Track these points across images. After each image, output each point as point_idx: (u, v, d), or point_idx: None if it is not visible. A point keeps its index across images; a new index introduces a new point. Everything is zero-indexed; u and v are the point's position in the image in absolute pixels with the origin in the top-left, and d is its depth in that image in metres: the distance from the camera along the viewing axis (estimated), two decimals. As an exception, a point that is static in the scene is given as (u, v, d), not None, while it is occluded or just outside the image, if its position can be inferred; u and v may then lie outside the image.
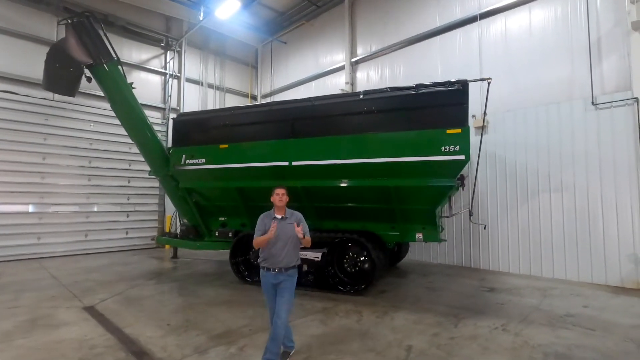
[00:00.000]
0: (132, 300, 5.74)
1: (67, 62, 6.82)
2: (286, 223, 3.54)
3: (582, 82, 7.27)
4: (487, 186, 8.46)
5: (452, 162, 5.39)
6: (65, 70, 6.87)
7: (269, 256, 3.46)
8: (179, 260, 9.81)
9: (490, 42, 8.67)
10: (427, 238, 6.47)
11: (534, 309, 5.25)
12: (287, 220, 3.57)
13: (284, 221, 3.55)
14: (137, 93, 12.04)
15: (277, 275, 3.44)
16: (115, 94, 7.20)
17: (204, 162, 7.45)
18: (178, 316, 4.96)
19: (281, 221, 3.52)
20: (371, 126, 6.02)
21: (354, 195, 6.49)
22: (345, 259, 6.43)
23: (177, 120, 7.97)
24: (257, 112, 7.16)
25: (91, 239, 10.86)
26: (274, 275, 3.44)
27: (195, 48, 13.91)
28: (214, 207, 8.19)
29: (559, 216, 7.39)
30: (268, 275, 3.46)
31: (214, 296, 6.04)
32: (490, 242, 8.30)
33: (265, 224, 3.53)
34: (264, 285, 3.51)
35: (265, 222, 3.55)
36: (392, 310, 5.19)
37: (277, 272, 3.44)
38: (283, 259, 3.45)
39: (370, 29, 11.45)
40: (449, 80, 5.58)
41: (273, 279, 3.45)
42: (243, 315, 4.99)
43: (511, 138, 8.13)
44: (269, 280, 3.46)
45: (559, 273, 7.31)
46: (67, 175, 10.51)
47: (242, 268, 7.17)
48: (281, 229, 3.48)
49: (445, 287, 6.64)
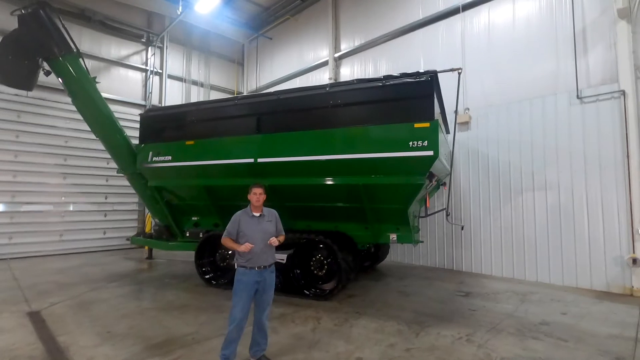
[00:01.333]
0: (84, 305, 5.41)
1: (21, 55, 6.50)
2: (265, 221, 3.57)
3: (567, 75, 6.90)
4: (469, 185, 8.09)
5: (420, 158, 5.01)
6: (19, 63, 6.54)
7: (251, 256, 3.42)
8: (153, 262, 9.50)
9: (474, 34, 8.30)
10: (401, 239, 6.11)
11: (507, 316, 4.89)
12: (265, 219, 3.58)
13: (262, 219, 3.57)
14: (117, 90, 12.01)
15: (262, 272, 3.45)
16: (76, 88, 6.86)
17: (170, 160, 7.12)
18: (123, 323, 4.63)
19: (260, 219, 3.55)
20: (338, 121, 5.66)
21: (324, 194, 6.13)
22: (312, 261, 6.09)
23: (144, 115, 7.64)
24: (223, 106, 6.82)
25: (66, 239, 10.55)
26: (258, 273, 3.43)
27: (178, 44, 13.61)
28: (186, 206, 7.87)
29: (542, 216, 7.02)
30: (252, 274, 3.41)
31: (171, 300, 5.71)
32: (473, 243, 7.93)
33: (240, 223, 3.49)
34: (245, 284, 3.40)
35: (242, 222, 3.50)
36: (354, 317, 4.84)
37: (262, 270, 3.45)
38: (266, 257, 3.50)
39: (354, 23, 11.10)
40: (417, 72, 5.22)
41: (257, 277, 3.43)
42: (193, 322, 4.65)
43: (494, 134, 7.75)
44: (252, 279, 3.40)
45: (542, 276, 6.93)
46: (41, 173, 10.21)
47: (207, 270, 6.83)
48: (260, 227, 3.52)
49: (419, 291, 6.28)
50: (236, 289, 3.41)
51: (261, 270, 3.44)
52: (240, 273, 3.43)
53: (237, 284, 3.42)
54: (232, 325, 3.31)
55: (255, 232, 3.47)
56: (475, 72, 8.15)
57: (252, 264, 3.41)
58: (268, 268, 3.51)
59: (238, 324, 3.32)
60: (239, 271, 3.45)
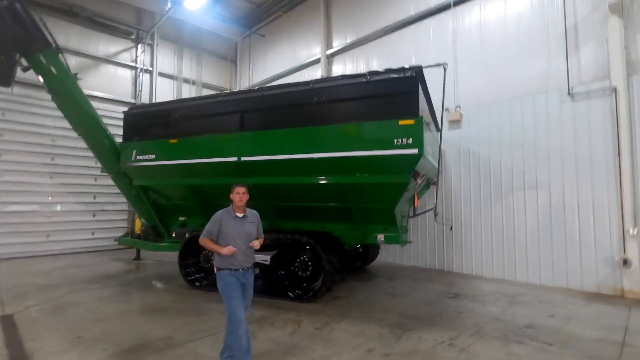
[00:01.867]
0: (60, 308, 5.26)
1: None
2: (247, 222, 3.45)
3: (559, 72, 6.75)
4: (460, 184, 7.96)
5: (405, 156, 4.88)
6: (-5, 59, 6.40)
7: (233, 259, 3.31)
8: (140, 263, 9.35)
9: (465, 31, 8.15)
10: (389, 240, 5.98)
11: (493, 319, 4.76)
12: (247, 220, 3.47)
13: (245, 220, 3.44)
14: (106, 87, 11.83)
15: (245, 274, 3.39)
16: (56, 85, 6.69)
17: (153, 158, 6.98)
18: (97, 327, 4.49)
19: (242, 220, 3.42)
20: (322, 118, 5.51)
21: (310, 193, 6.00)
22: (296, 262, 5.95)
23: (128, 113, 7.48)
24: (207, 104, 6.67)
25: (54, 239, 10.38)
26: (242, 275, 3.36)
27: (169, 41, 13.42)
28: (172, 206, 7.73)
29: (533, 216, 6.89)
30: (237, 275, 3.33)
31: (152, 302, 5.57)
32: (464, 243, 7.80)
33: (222, 224, 3.34)
34: (233, 284, 3.28)
35: (223, 223, 3.35)
36: (336, 320, 4.70)
37: (245, 271, 3.39)
38: (248, 257, 3.43)
39: (345, 20, 10.94)
40: (402, 67, 5.08)
41: (243, 278, 3.37)
42: (170, 326, 4.51)
43: (485, 133, 7.61)
44: (239, 280, 3.33)
45: (533, 277, 6.80)
46: (27, 172, 10.03)
47: (191, 271, 6.69)
48: (242, 229, 3.39)
49: (407, 292, 6.15)
50: (227, 291, 3.23)
51: (245, 272, 3.36)
52: (225, 275, 3.30)
53: (227, 286, 3.26)
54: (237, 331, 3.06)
55: (237, 233, 3.33)
56: (466, 69, 8.02)
57: (236, 266, 3.30)
58: (249, 270, 3.44)
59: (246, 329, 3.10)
60: (223, 274, 3.30)
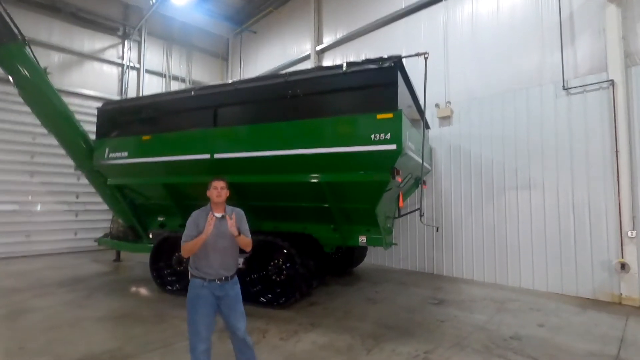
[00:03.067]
0: (15, 314, 4.93)
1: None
2: (227, 222, 2.83)
3: (553, 64, 6.38)
4: (450, 183, 7.58)
5: (383, 152, 4.53)
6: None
7: (208, 264, 2.79)
8: (120, 264, 9.03)
9: (457, 24, 7.78)
10: (371, 242, 5.62)
11: (477, 328, 4.38)
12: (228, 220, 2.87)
13: (225, 220, 2.85)
14: (91, 84, 11.50)
15: (223, 285, 2.80)
16: (22, 79, 6.39)
17: (126, 156, 6.65)
18: (46, 336, 4.14)
19: (221, 220, 2.85)
20: (297, 112, 5.16)
21: (287, 192, 5.65)
22: (270, 265, 5.59)
23: (101, 109, 7.16)
24: (180, 98, 6.33)
25: (34, 240, 10.06)
26: (218, 287, 2.78)
27: (158, 38, 13.11)
28: (150, 205, 7.40)
29: (526, 217, 6.50)
30: (211, 287, 2.77)
31: (114, 309, 5.22)
32: (454, 245, 7.41)
33: (199, 225, 2.80)
34: (201, 298, 2.73)
35: (199, 222, 2.82)
36: (306, 330, 4.34)
37: (223, 282, 2.80)
38: (228, 264, 2.87)
39: (336, 15, 10.59)
40: (381, 57, 4.72)
41: (218, 291, 2.78)
42: (124, 336, 4.17)
43: (476, 129, 7.24)
44: (210, 293, 2.76)
45: (526, 282, 6.42)
46: (5, 171, 9.71)
47: (162, 274, 6.34)
48: (221, 229, 2.82)
49: (390, 298, 5.78)
50: (192, 304, 2.74)
51: (222, 283, 2.79)
52: (196, 286, 2.77)
53: (194, 299, 2.75)
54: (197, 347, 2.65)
55: (217, 236, 2.79)
56: (458, 63, 7.65)
57: (211, 274, 2.77)
58: (230, 280, 2.86)
59: (207, 347, 2.70)
60: (194, 283, 2.78)
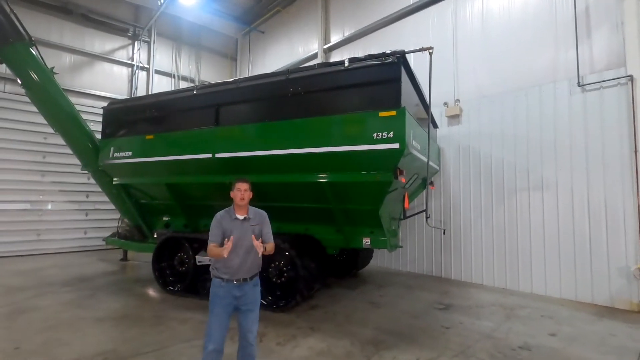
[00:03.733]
0: (17, 313, 4.94)
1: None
2: (249, 225, 2.89)
3: (568, 60, 6.10)
4: (459, 184, 7.34)
5: (385, 151, 4.37)
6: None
7: (229, 265, 2.82)
8: (127, 264, 9.07)
9: (467, 20, 7.55)
10: (375, 244, 5.48)
11: (484, 336, 4.17)
12: (250, 222, 2.92)
13: (247, 222, 2.90)
14: (101, 85, 11.65)
15: (242, 286, 2.84)
16: (28, 78, 6.46)
17: (130, 155, 6.66)
18: (42, 336, 4.12)
19: (243, 222, 2.89)
20: (298, 110, 5.05)
21: (289, 193, 5.54)
22: (271, 267, 5.48)
23: (106, 109, 7.19)
24: (183, 97, 6.30)
25: (44, 238, 10.22)
26: (237, 287, 2.82)
27: (167, 39, 13.21)
28: (155, 205, 7.41)
29: (538, 220, 6.23)
30: (229, 287, 2.82)
31: (115, 309, 5.19)
32: (463, 248, 7.17)
33: (225, 228, 2.86)
34: (221, 299, 2.80)
35: (224, 225, 2.86)
36: (304, 335, 4.21)
37: (242, 283, 2.84)
38: (248, 267, 2.88)
39: (343, 13, 10.46)
40: (384, 52, 4.56)
41: (237, 291, 2.83)
42: (119, 337, 4.11)
43: (487, 128, 6.99)
44: (230, 293, 2.82)
45: (538, 287, 6.15)
46: (18, 170, 9.88)
47: (165, 274, 6.30)
48: (244, 232, 2.85)
49: (394, 302, 5.60)
50: (211, 303, 2.83)
51: (241, 284, 2.83)
52: (215, 285, 2.85)
53: (213, 298, 2.84)
54: (206, 348, 2.73)
55: (240, 238, 2.83)
56: (467, 60, 7.43)
57: (231, 275, 2.81)
58: (250, 281, 2.89)
59: (215, 348, 2.73)
60: (214, 282, 2.87)
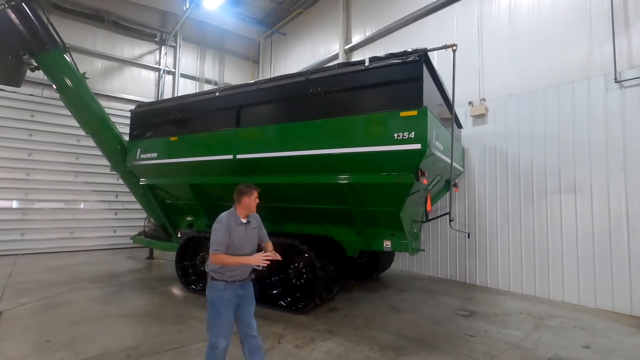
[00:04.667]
0: (49, 308, 5.17)
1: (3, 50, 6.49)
2: (250, 228, 3.07)
3: (603, 55, 5.75)
4: (485, 186, 7.08)
5: (406, 152, 4.26)
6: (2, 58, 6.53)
7: (235, 268, 2.91)
8: (152, 262, 9.34)
9: (493, 16, 7.28)
10: (396, 247, 5.37)
11: (511, 346, 3.98)
12: (251, 225, 3.09)
13: (249, 225, 3.06)
14: (130, 89, 12.10)
15: (244, 285, 3.00)
16: (62, 83, 6.77)
17: (155, 157, 6.85)
18: (71, 331, 4.28)
19: (246, 226, 3.04)
20: (317, 111, 5.01)
21: (309, 194, 5.51)
22: (290, 269, 5.47)
23: (134, 111, 7.43)
24: (205, 100, 6.40)
25: (77, 236, 10.70)
26: (241, 286, 2.96)
27: (192, 43, 13.55)
28: (179, 205, 7.59)
29: (571, 224, 5.90)
30: (234, 288, 2.90)
31: (139, 306, 5.33)
32: (489, 253, 6.91)
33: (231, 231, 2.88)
34: (227, 300, 2.86)
35: (231, 227, 2.90)
36: (323, 337, 4.15)
37: (244, 282, 3.00)
38: (248, 268, 3.02)
39: (365, 13, 10.36)
40: (405, 50, 4.45)
41: (241, 290, 2.96)
42: (143, 334, 4.21)
43: (514, 128, 6.70)
44: (235, 293, 2.91)
45: (570, 296, 5.82)
46: (53, 171, 10.41)
47: (187, 273, 6.42)
48: (247, 236, 3.03)
49: (415, 307, 5.45)
50: (216, 306, 2.83)
51: (243, 283, 2.97)
52: (219, 289, 2.84)
53: (218, 301, 2.83)
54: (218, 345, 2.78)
55: (243, 242, 2.96)
56: (493, 58, 7.17)
57: (237, 276, 2.91)
58: (248, 279, 3.06)
59: (228, 344, 2.84)
60: (216, 286, 2.86)
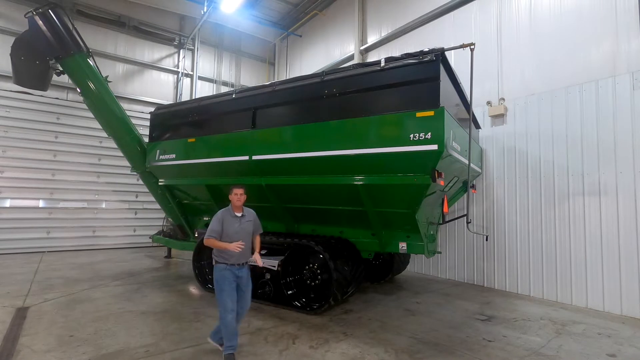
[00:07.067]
0: (73, 304, 5.35)
1: (32, 56, 6.76)
2: (245, 220, 3.80)
3: (630, 52, 5.55)
4: (504, 187, 6.92)
5: (422, 153, 4.22)
6: (31, 64, 6.81)
7: (232, 253, 3.60)
8: (171, 261, 9.53)
9: (512, 13, 7.13)
10: (411, 249, 5.33)
11: (531, 352, 3.87)
12: (245, 218, 3.81)
13: (243, 218, 3.78)
14: (150, 92, 12.42)
15: (240, 269, 3.68)
16: (86, 87, 7.00)
17: (174, 158, 7.00)
18: (93, 326, 4.41)
19: (240, 219, 3.76)
20: (333, 112, 5.02)
21: (323, 195, 5.51)
22: (305, 269, 5.48)
23: (153, 114, 7.62)
24: (222, 101, 6.50)
25: (99, 235, 11.05)
26: (238, 269, 3.65)
27: (209, 46, 13.80)
28: (196, 205, 7.75)
29: (595, 227, 5.71)
30: (233, 269, 3.62)
31: (158, 303, 5.45)
32: (508, 256, 6.75)
33: (224, 224, 3.65)
34: (226, 279, 3.58)
35: (224, 221, 3.66)
36: (338, 339, 4.14)
37: (240, 267, 3.67)
38: (244, 254, 3.69)
39: (380, 13, 10.31)
40: (422, 50, 4.41)
41: (238, 272, 3.65)
42: (160, 331, 4.30)
43: (535, 128, 6.54)
44: (233, 274, 3.61)
45: (594, 302, 5.62)
46: (77, 172, 10.79)
47: (205, 271, 6.51)
48: (241, 227, 3.73)
49: (431, 310, 5.37)
50: (220, 284, 3.56)
51: (239, 267, 3.65)
52: (221, 269, 3.60)
53: (221, 279, 3.57)
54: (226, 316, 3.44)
55: (237, 232, 3.67)
56: (513, 57, 7.01)
57: (233, 261, 3.61)
58: (244, 266, 3.72)
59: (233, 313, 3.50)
60: (220, 267, 3.61)
